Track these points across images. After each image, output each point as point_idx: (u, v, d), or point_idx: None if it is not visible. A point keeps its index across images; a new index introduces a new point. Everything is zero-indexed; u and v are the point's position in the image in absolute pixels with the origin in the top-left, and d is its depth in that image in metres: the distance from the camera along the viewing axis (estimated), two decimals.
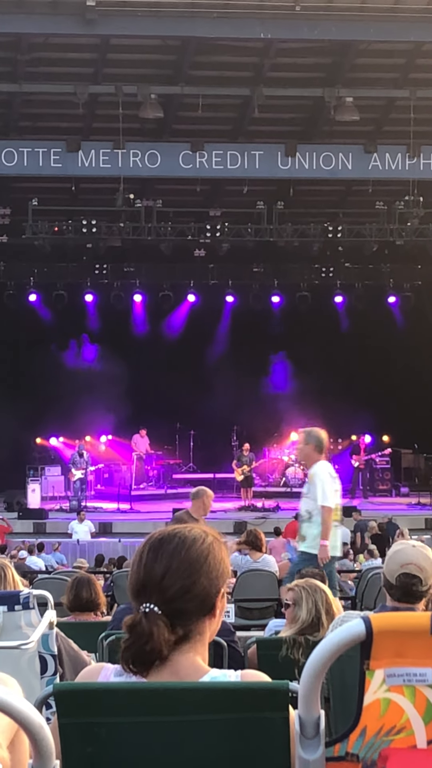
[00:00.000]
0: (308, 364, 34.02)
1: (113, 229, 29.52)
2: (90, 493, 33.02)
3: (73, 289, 34.91)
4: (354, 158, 29.39)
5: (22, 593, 5.22)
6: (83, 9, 24.63)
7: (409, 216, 29.46)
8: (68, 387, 33.38)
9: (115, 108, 27.32)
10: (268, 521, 29.03)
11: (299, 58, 27.35)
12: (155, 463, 34.84)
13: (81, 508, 30.43)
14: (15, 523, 29.19)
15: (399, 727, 2.66)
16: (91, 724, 2.86)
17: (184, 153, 28.74)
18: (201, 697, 2.86)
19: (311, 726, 2.69)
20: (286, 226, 30.45)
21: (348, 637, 2.62)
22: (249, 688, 2.97)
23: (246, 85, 27.87)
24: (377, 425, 34.88)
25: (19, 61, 26.79)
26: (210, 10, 24.99)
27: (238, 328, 35.06)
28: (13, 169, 28.64)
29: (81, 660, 6.54)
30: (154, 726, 2.85)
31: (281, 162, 29.25)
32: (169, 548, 3.13)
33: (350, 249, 32.50)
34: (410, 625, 2.64)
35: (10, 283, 34.58)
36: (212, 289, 35.38)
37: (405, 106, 28.11)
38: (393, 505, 31.55)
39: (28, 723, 2.59)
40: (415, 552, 5.37)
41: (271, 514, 30.79)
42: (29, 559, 22.12)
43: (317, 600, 7.17)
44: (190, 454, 35.77)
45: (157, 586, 3.07)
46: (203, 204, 31.92)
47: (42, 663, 5.17)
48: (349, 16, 25.34)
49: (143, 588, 3.09)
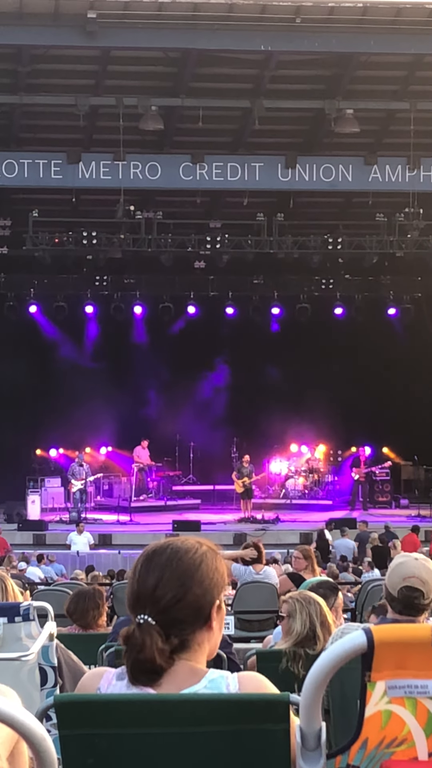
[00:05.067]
0: (308, 376, 34.01)
1: (113, 241, 29.55)
2: (90, 504, 32.98)
3: (74, 301, 34.91)
4: (354, 170, 29.43)
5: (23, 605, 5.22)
6: (84, 21, 24.69)
7: (409, 228, 29.49)
8: (68, 398, 33.35)
9: (116, 120, 27.36)
10: (268, 533, 29.04)
11: (300, 70, 27.42)
12: (155, 474, 34.81)
13: (80, 519, 30.39)
14: (15, 535, 29.14)
15: (400, 739, 2.65)
16: (91, 736, 2.86)
17: (185, 165, 28.78)
18: (201, 708, 2.86)
19: (312, 738, 2.69)
20: (286, 238, 30.48)
21: (349, 649, 2.62)
22: (249, 699, 2.97)
23: (246, 97, 27.92)
24: (377, 437, 34.87)
25: (20, 73, 26.84)
26: (210, 22, 25.05)
27: (238, 340, 35.05)
28: (13, 181, 28.67)
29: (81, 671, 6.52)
30: (155, 737, 2.84)
31: (281, 174, 29.29)
32: (161, 559, 3.15)
33: (350, 261, 32.52)
34: (411, 637, 2.64)
35: (10, 294, 34.58)
36: (212, 300, 35.38)
37: (405, 118, 28.16)
38: (393, 517, 31.52)
39: (31, 735, 2.59)
40: (418, 565, 5.36)
41: (271, 526, 30.78)
42: (29, 570, 22.09)
43: (311, 612, 7.15)
44: (190, 465, 35.74)
45: (150, 596, 3.10)
46: (203, 216, 31.96)
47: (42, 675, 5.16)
48: (350, 29, 25.38)
49: (137, 599, 3.12)
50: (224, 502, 34.22)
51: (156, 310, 35.05)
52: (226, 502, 34.06)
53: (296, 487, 35.07)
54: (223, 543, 27.37)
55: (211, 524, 30.76)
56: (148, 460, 34.42)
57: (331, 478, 35.37)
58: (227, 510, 33.32)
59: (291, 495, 34.81)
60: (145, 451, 34.34)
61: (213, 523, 31.21)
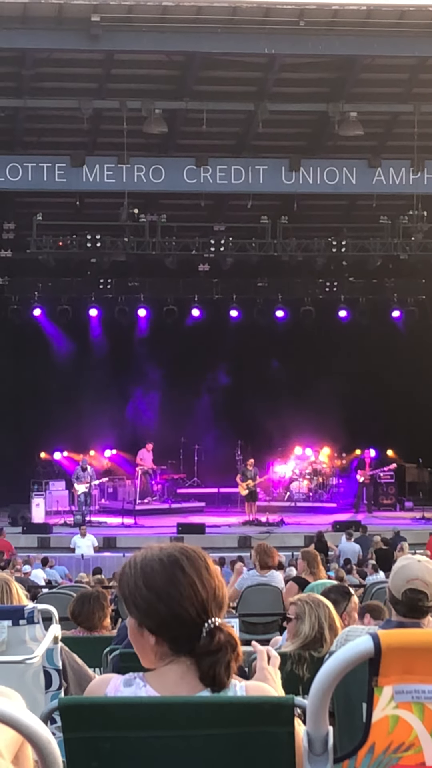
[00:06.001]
0: (312, 378, 33.99)
1: (117, 244, 29.56)
2: (94, 507, 32.97)
3: (78, 304, 34.95)
4: (358, 173, 29.43)
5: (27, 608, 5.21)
6: (88, 24, 24.70)
7: (413, 230, 29.48)
8: (72, 401, 33.37)
9: (120, 123, 27.36)
10: (273, 536, 29.01)
11: (303, 73, 27.42)
12: (159, 477, 34.80)
13: (84, 522, 30.39)
14: (19, 538, 29.15)
15: (407, 744, 2.64)
16: (96, 739, 2.86)
17: (189, 168, 28.78)
18: (206, 711, 2.86)
19: (320, 742, 2.68)
20: (290, 241, 30.48)
21: (357, 654, 2.61)
22: (254, 702, 2.97)
23: (250, 100, 27.92)
24: (382, 440, 34.86)
25: (23, 77, 26.85)
26: (214, 25, 25.04)
27: (243, 343, 35.04)
28: (17, 184, 28.68)
29: (85, 674, 6.53)
30: (160, 740, 2.84)
31: (285, 177, 29.29)
32: (197, 564, 3.18)
33: (354, 263, 32.52)
34: (419, 642, 2.64)
35: (14, 297, 34.62)
36: (216, 303, 35.41)
37: (409, 120, 28.17)
38: (398, 520, 31.49)
39: (36, 737, 2.59)
40: (421, 567, 5.35)
41: (276, 529, 30.76)
42: (33, 573, 22.08)
43: (320, 615, 7.14)
44: (195, 468, 35.73)
45: (214, 600, 3.14)
46: (207, 219, 31.95)
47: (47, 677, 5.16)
48: (353, 31, 25.39)
49: (203, 606, 3.13)
50: (229, 504, 34.20)
51: (160, 313, 35.06)
52: (231, 504, 34.04)
53: (300, 489, 35.04)
54: (227, 546, 27.45)
55: (215, 527, 30.75)
56: (152, 463, 34.41)
57: (335, 480, 35.33)
58: (232, 513, 33.29)
59: (295, 498, 34.78)
60: (149, 454, 34.32)
61: (217, 525, 31.20)
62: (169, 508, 33.55)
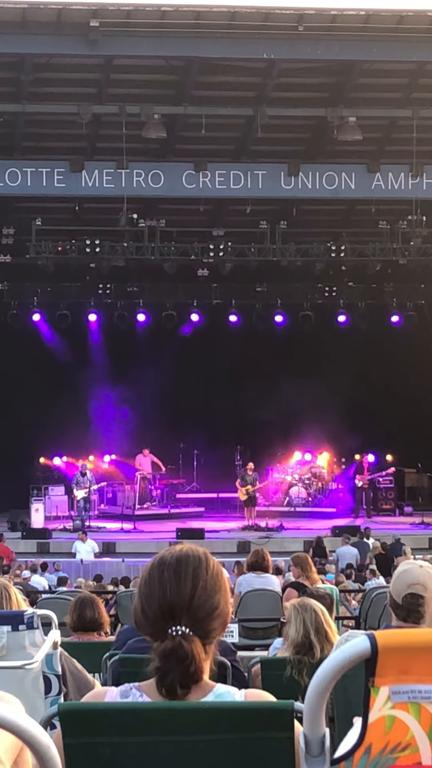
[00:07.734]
0: (311, 383, 33.96)
1: (117, 249, 29.57)
2: (94, 512, 32.97)
3: (77, 309, 34.94)
4: (357, 178, 29.46)
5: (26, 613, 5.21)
6: (87, 29, 24.73)
7: (412, 235, 29.51)
8: (72, 406, 33.37)
9: (119, 128, 27.39)
10: (272, 541, 29.01)
11: (302, 78, 27.45)
12: (159, 482, 34.79)
13: (84, 528, 30.39)
14: (18, 543, 29.15)
15: (404, 744, 2.65)
16: (95, 744, 2.85)
17: (188, 173, 28.81)
18: (206, 716, 2.86)
19: (316, 744, 2.69)
20: (289, 246, 30.51)
21: (353, 655, 2.62)
22: (254, 707, 2.97)
23: (249, 105, 27.96)
24: (381, 444, 34.85)
25: (22, 82, 26.87)
26: (213, 30, 25.09)
27: (242, 348, 35.04)
28: (16, 189, 28.72)
29: (84, 680, 6.53)
30: (159, 746, 2.84)
31: (284, 182, 29.32)
32: (189, 569, 3.11)
33: (353, 268, 32.54)
34: (415, 642, 2.64)
35: (13, 302, 34.62)
36: (215, 308, 35.42)
37: (408, 125, 28.19)
38: (397, 525, 31.49)
39: (35, 743, 2.59)
40: (422, 572, 5.36)
41: (275, 534, 30.76)
42: (33, 578, 22.07)
43: (306, 619, 7.14)
44: (194, 473, 35.73)
45: (186, 607, 3.05)
46: (206, 224, 31.99)
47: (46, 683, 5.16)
48: (352, 36, 25.43)
49: (170, 611, 3.05)
50: (228, 509, 34.20)
51: (159, 318, 35.06)
52: (230, 509, 34.05)
53: (300, 494, 35.03)
54: (227, 551, 27.43)
55: (214, 532, 30.74)
56: (150, 468, 34.40)
57: (334, 485, 35.33)
58: (231, 518, 33.30)
59: (295, 503, 34.77)
60: (146, 459, 34.32)
61: (217, 531, 31.19)
62: (169, 513, 33.56)
